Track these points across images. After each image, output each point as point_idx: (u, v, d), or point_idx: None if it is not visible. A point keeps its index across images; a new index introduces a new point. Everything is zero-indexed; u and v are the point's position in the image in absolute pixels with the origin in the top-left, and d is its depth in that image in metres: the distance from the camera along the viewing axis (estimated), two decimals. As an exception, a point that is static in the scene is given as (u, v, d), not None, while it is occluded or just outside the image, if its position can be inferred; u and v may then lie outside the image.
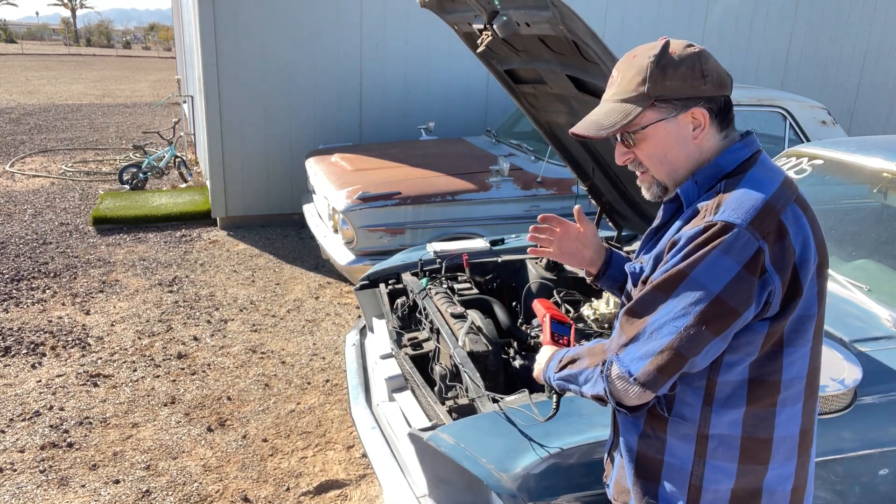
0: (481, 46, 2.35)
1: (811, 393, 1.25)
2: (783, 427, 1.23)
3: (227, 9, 5.91)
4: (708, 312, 1.12)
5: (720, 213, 1.13)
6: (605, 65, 1.94)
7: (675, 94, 1.20)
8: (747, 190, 1.16)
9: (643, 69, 1.21)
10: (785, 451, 1.24)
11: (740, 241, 1.11)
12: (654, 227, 1.32)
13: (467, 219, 4.59)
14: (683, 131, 1.23)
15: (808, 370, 1.22)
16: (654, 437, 1.28)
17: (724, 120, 1.24)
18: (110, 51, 52.05)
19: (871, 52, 8.32)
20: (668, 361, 1.15)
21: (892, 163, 2.63)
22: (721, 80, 1.21)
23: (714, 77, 1.20)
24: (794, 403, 1.23)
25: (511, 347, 2.32)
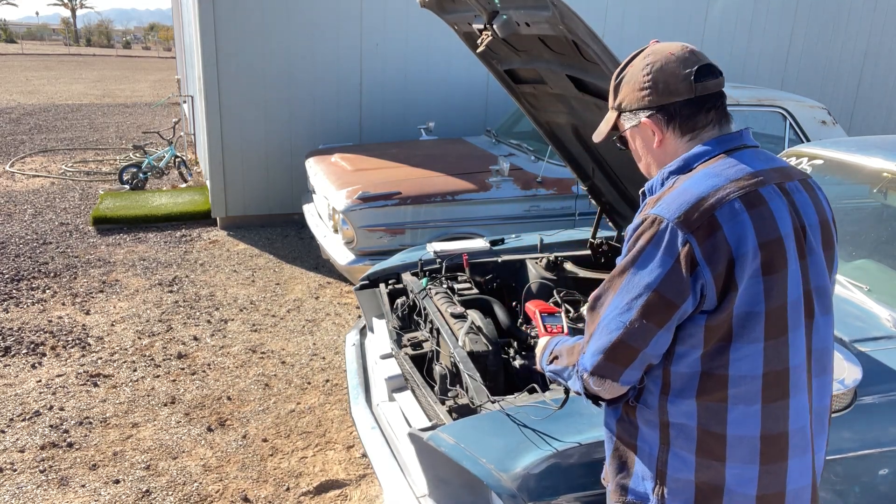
0: (481, 46, 2.35)
1: (774, 397, 1.23)
2: (737, 426, 1.23)
3: (227, 9, 5.91)
4: (648, 306, 1.19)
5: (656, 208, 1.21)
6: (605, 65, 1.94)
7: (628, 106, 1.34)
8: (688, 186, 1.22)
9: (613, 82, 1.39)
10: (743, 452, 1.24)
11: (669, 234, 1.17)
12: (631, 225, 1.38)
13: (467, 219, 4.58)
14: (646, 136, 1.34)
15: (763, 371, 1.21)
16: (629, 423, 1.33)
17: (687, 122, 1.29)
18: (110, 51, 52.05)
19: (871, 52, 8.32)
20: (620, 354, 1.24)
21: (892, 163, 2.63)
22: (668, 89, 1.28)
23: (660, 87, 1.28)
24: (747, 403, 1.22)
25: (511, 347, 2.32)
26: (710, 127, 1.30)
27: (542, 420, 1.75)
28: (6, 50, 43.03)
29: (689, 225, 1.16)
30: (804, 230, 1.25)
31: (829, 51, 8.12)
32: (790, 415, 1.25)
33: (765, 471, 1.24)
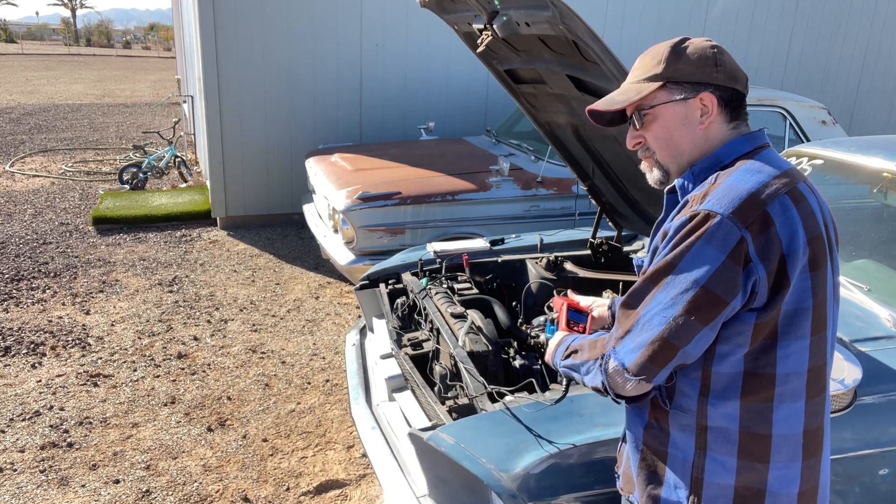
0: (481, 46, 2.35)
1: (815, 392, 1.24)
2: (783, 424, 1.22)
3: (227, 9, 5.91)
4: (695, 302, 1.15)
5: (705, 203, 1.17)
6: (605, 65, 1.94)
7: (686, 77, 1.26)
8: (735, 181, 1.18)
9: (660, 53, 1.29)
10: (787, 451, 1.23)
11: (722, 230, 1.13)
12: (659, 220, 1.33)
13: (467, 219, 4.59)
14: (692, 115, 1.27)
15: (808, 367, 1.21)
16: (658, 429, 1.29)
17: (734, 111, 1.27)
18: (110, 51, 52.05)
19: (871, 51, 8.32)
20: (659, 351, 1.19)
21: (892, 163, 2.63)
22: (734, 74, 1.26)
23: (727, 68, 1.26)
24: (793, 401, 1.22)
25: (511, 347, 2.32)
26: (745, 123, 1.30)
27: (543, 420, 1.75)
28: (6, 50, 43.04)
29: (744, 220, 1.13)
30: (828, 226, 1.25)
31: (829, 51, 8.12)
32: (825, 409, 1.26)
33: (806, 466, 1.24)
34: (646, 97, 1.29)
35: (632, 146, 1.36)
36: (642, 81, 1.30)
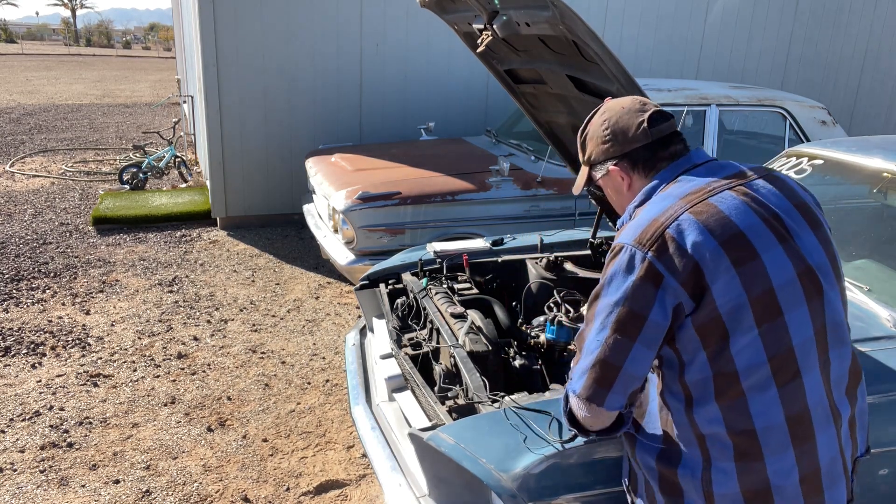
0: (481, 46, 2.35)
1: (786, 379, 1.27)
2: (762, 417, 1.27)
3: (227, 9, 5.91)
4: (618, 321, 1.29)
5: (619, 238, 1.36)
6: (605, 65, 1.94)
7: (596, 159, 1.53)
8: (644, 213, 1.36)
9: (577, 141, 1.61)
10: (776, 442, 1.27)
11: (629, 256, 1.30)
12: None
13: (467, 219, 4.58)
14: (616, 183, 1.51)
15: (767, 356, 1.26)
16: (671, 452, 1.36)
17: (648, 164, 1.46)
18: (110, 51, 52.06)
19: (871, 52, 8.32)
20: (602, 373, 1.31)
21: (892, 163, 2.63)
22: (627, 138, 1.45)
23: (618, 138, 1.47)
24: (762, 391, 1.27)
25: (511, 347, 2.31)
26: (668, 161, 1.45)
27: (543, 420, 1.75)
28: (6, 50, 43.04)
29: (643, 245, 1.28)
30: (777, 217, 1.32)
31: (829, 51, 8.12)
32: (807, 392, 1.29)
33: (800, 453, 1.28)
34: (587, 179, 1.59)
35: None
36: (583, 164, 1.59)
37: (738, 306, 1.25)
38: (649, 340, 1.28)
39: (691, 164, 1.44)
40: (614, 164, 1.48)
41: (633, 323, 1.27)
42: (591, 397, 1.33)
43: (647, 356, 1.30)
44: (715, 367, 1.27)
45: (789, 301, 1.28)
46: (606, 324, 1.30)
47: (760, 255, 1.28)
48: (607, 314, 1.30)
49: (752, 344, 1.26)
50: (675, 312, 1.27)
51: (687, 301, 1.26)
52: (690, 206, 1.31)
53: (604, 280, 1.34)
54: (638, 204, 1.44)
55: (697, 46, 7.57)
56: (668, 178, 1.43)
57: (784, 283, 1.28)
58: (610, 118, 1.49)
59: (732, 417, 1.28)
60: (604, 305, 1.31)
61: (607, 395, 1.31)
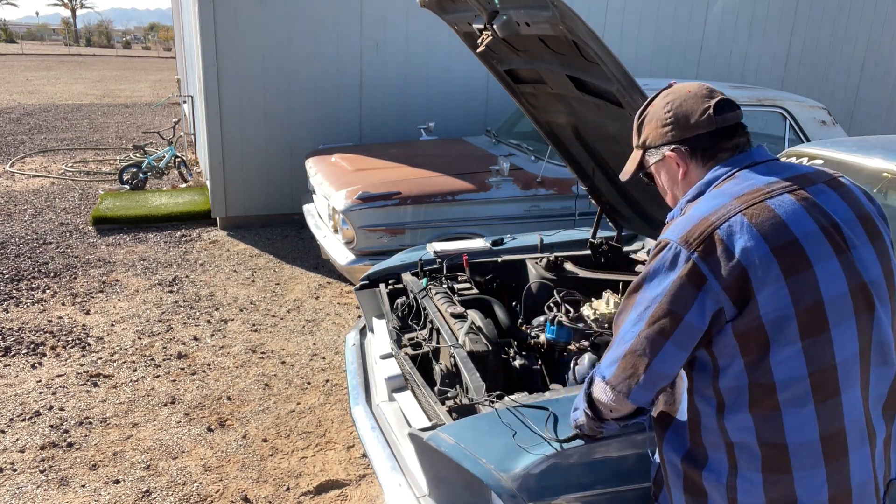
0: (481, 46, 2.35)
1: (826, 395, 1.23)
2: (796, 432, 1.23)
3: (227, 9, 5.90)
4: (654, 317, 1.26)
5: (665, 233, 1.32)
6: (605, 65, 1.94)
7: (653, 143, 1.45)
8: (695, 210, 1.31)
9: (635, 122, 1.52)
10: (808, 459, 1.23)
11: (672, 253, 1.26)
12: None
13: (467, 219, 4.58)
14: (671, 170, 1.45)
15: (808, 371, 1.21)
16: (696, 453, 1.34)
17: (708, 153, 1.39)
18: (110, 51, 52.05)
19: (871, 51, 8.32)
20: (631, 365, 1.30)
21: (892, 163, 2.63)
22: (689, 124, 1.38)
23: (680, 123, 1.39)
24: (800, 406, 1.22)
25: (511, 347, 2.32)
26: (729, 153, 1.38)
27: (543, 420, 1.75)
28: (6, 50, 43.04)
29: (689, 244, 1.24)
30: (836, 227, 1.26)
31: (829, 51, 8.12)
32: (844, 410, 1.25)
33: (831, 471, 1.25)
34: (638, 164, 1.51)
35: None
36: (635, 148, 1.52)
37: (783, 317, 1.21)
38: (682, 342, 1.26)
39: (752, 161, 1.37)
40: (672, 150, 1.41)
41: (669, 321, 1.25)
42: (617, 386, 1.33)
43: (679, 356, 1.27)
44: (751, 377, 1.24)
45: (838, 316, 1.23)
46: (643, 317, 1.28)
47: (814, 265, 1.22)
48: (645, 307, 1.28)
49: (794, 357, 1.21)
50: (714, 317, 1.23)
51: (729, 307, 1.22)
52: (745, 207, 1.26)
53: (646, 272, 1.31)
54: (691, 198, 1.39)
55: (697, 46, 7.57)
56: (726, 173, 1.36)
57: (835, 297, 1.23)
58: (673, 101, 1.42)
59: (764, 429, 1.24)
60: (643, 298, 1.29)
61: (634, 387, 1.31)
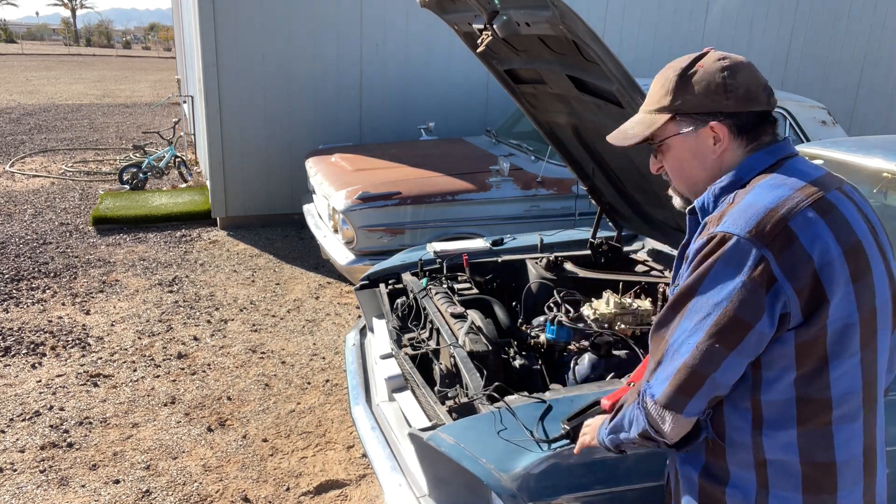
0: (481, 46, 2.35)
1: (871, 406, 1.17)
2: (845, 449, 1.15)
3: (227, 9, 5.91)
4: (718, 326, 1.10)
5: (721, 225, 1.12)
6: (605, 65, 1.94)
7: (694, 109, 1.20)
8: (753, 199, 1.13)
9: (668, 81, 1.23)
10: (851, 475, 1.16)
11: (739, 251, 1.08)
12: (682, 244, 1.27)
13: (467, 219, 4.58)
14: (703, 145, 1.22)
15: (862, 383, 1.14)
16: (716, 469, 1.22)
17: (752, 133, 1.21)
18: (110, 51, 52.05)
19: (871, 52, 8.32)
20: (687, 380, 1.13)
21: (892, 163, 2.63)
22: (749, 96, 1.19)
23: (740, 92, 1.18)
24: (852, 421, 1.14)
25: (511, 347, 2.32)
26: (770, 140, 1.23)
27: (543, 420, 1.75)
28: (6, 50, 43.03)
29: (761, 238, 1.08)
30: (874, 229, 1.19)
31: (829, 51, 8.12)
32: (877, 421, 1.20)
33: (866, 485, 1.19)
34: (656, 131, 1.25)
35: (654, 172, 1.34)
36: (653, 112, 1.26)
37: (847, 326, 1.10)
38: (749, 350, 1.11)
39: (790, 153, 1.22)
40: (720, 122, 1.20)
41: (736, 331, 1.09)
42: (669, 404, 1.15)
43: (742, 365, 1.13)
44: (803, 391, 1.12)
45: (882, 323, 1.16)
46: (702, 327, 1.11)
47: (872, 269, 1.13)
48: (704, 315, 1.11)
49: (853, 370, 1.12)
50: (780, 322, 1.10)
51: (796, 313, 1.09)
52: (812, 200, 1.11)
53: (699, 272, 1.12)
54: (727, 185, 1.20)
55: (697, 47, 7.53)
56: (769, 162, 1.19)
57: (882, 303, 1.15)
58: (731, 66, 1.19)
59: (811, 447, 1.13)
60: (700, 304, 1.12)
61: (689, 402, 1.15)
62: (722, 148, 1.21)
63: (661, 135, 1.25)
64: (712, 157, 1.22)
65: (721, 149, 1.21)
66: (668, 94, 1.23)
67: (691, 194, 1.29)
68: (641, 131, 1.27)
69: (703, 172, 1.25)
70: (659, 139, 1.26)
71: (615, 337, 2.21)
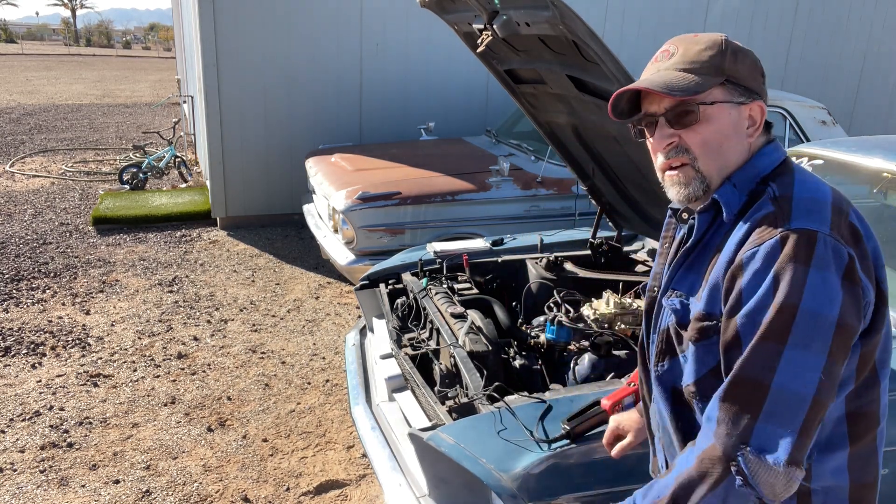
0: (481, 46, 2.35)
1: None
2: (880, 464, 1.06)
3: (227, 9, 5.91)
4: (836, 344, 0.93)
5: (796, 220, 0.97)
6: (605, 65, 1.94)
7: (744, 81, 1.07)
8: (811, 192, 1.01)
9: (716, 44, 1.07)
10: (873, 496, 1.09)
11: (829, 249, 0.95)
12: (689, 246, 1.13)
13: (467, 219, 4.58)
14: (742, 123, 1.09)
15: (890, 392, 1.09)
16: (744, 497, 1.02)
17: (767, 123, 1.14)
18: (110, 51, 52.05)
19: (870, 52, 8.32)
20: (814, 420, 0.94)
21: (892, 163, 2.63)
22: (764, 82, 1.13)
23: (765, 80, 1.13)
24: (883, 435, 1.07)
25: (511, 347, 2.32)
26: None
27: (543, 420, 1.75)
28: (6, 50, 43.03)
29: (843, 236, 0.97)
30: None
31: (829, 51, 8.12)
32: None
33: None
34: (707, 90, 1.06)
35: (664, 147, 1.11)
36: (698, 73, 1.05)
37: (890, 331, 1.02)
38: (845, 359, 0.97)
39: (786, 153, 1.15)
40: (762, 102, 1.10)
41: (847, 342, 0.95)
42: (800, 458, 0.93)
43: None
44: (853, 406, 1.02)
45: None
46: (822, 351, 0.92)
47: None
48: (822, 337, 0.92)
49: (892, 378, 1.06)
50: None
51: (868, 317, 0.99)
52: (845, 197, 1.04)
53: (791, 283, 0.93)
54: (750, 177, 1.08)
55: (697, 46, 7.55)
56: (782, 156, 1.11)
57: None
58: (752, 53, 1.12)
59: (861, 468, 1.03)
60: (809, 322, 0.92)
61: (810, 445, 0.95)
62: (756, 132, 1.10)
63: (708, 98, 1.06)
64: (747, 139, 1.09)
65: (755, 133, 1.10)
66: (720, 54, 1.06)
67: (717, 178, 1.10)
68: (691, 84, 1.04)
69: (737, 154, 1.09)
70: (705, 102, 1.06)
71: (615, 337, 2.21)
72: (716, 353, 1.04)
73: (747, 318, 0.96)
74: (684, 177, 1.11)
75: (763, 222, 0.99)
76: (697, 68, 1.06)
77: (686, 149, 1.09)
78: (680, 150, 1.10)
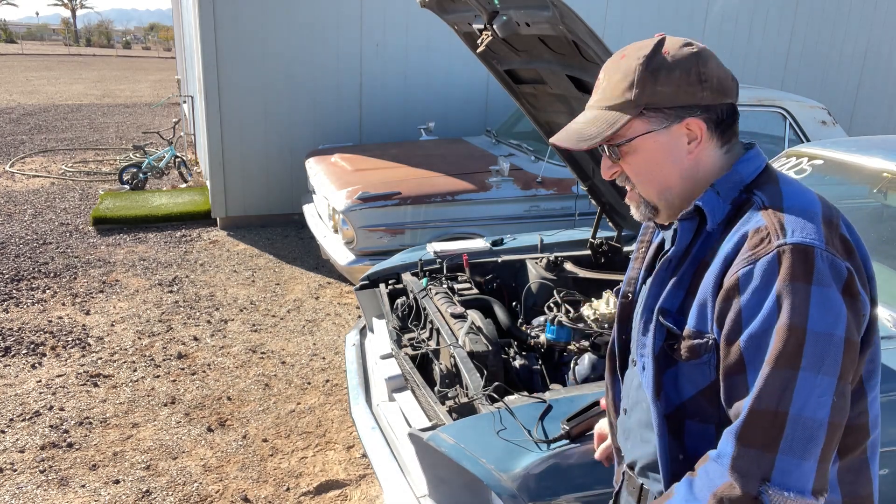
0: (481, 46, 2.35)
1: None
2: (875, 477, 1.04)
3: (227, 9, 5.91)
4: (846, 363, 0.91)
5: (790, 235, 0.93)
6: (605, 65, 1.94)
7: (667, 103, 1.03)
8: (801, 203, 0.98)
9: (630, 72, 1.04)
10: None
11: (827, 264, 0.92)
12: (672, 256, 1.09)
13: (467, 219, 4.58)
14: (676, 144, 1.06)
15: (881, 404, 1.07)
16: None
17: (727, 131, 1.08)
18: (110, 51, 52.06)
19: (871, 51, 8.32)
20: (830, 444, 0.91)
21: (892, 163, 2.63)
22: (723, 86, 1.05)
23: (714, 82, 1.04)
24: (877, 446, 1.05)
25: (511, 347, 2.32)
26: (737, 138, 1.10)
27: (543, 420, 1.75)
28: (6, 50, 43.03)
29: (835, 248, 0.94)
30: None
31: (829, 51, 8.12)
32: None
33: None
34: (619, 130, 1.05)
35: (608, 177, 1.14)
36: (613, 110, 1.06)
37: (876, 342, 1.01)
38: None
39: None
40: (698, 117, 1.04)
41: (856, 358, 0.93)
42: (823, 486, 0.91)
43: None
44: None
45: None
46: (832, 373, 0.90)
47: None
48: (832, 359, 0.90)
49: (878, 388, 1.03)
50: None
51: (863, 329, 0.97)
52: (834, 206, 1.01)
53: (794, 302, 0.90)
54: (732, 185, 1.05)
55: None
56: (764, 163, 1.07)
57: None
58: (701, 53, 1.04)
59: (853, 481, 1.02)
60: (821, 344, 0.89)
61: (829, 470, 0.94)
62: (699, 147, 1.06)
63: (626, 134, 1.06)
64: (688, 157, 1.06)
65: (697, 148, 1.06)
66: (632, 86, 1.04)
67: (662, 201, 1.10)
68: (601, 131, 1.05)
69: (678, 175, 1.07)
70: (623, 139, 1.06)
71: (615, 337, 2.21)
72: (706, 373, 1.01)
73: (751, 341, 0.93)
74: (634, 200, 1.14)
75: (755, 237, 0.96)
76: (612, 105, 1.06)
77: (627, 177, 1.12)
78: (623, 178, 1.13)
